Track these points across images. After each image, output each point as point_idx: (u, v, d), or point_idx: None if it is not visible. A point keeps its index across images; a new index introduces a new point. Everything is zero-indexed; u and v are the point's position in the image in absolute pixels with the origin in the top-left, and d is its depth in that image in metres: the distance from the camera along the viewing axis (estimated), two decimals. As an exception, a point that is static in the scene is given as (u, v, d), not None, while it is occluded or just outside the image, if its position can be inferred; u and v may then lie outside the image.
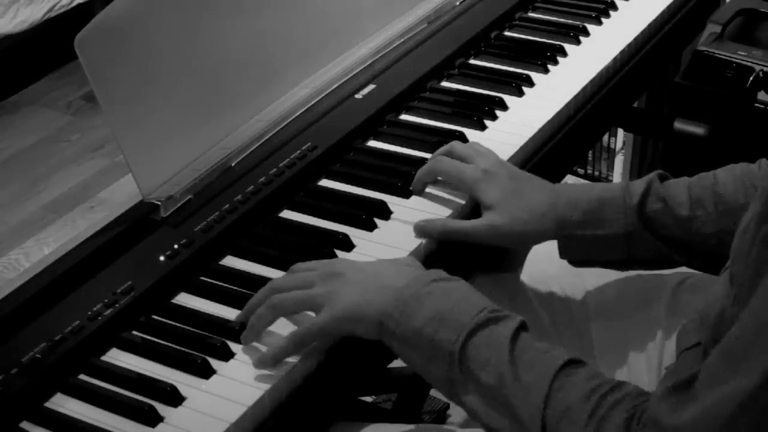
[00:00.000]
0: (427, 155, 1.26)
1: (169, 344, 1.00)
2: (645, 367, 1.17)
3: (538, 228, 1.12)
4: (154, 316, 1.04)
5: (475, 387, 0.90)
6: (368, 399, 1.66)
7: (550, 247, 1.30)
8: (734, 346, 0.76)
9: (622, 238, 1.11)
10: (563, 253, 1.15)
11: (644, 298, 1.20)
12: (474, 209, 1.18)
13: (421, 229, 1.14)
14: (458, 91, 1.43)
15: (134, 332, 1.02)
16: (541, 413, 0.85)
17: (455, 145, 1.21)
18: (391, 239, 1.13)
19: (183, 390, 0.94)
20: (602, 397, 0.85)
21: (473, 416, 0.91)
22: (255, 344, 0.99)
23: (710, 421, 0.75)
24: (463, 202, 1.18)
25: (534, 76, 1.45)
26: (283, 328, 1.00)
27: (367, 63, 1.44)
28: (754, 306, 0.75)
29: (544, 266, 1.27)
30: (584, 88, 1.42)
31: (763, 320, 0.73)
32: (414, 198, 1.20)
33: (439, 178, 1.20)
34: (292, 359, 0.97)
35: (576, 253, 1.14)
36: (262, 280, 1.07)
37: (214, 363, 0.97)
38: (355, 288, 0.97)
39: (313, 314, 0.99)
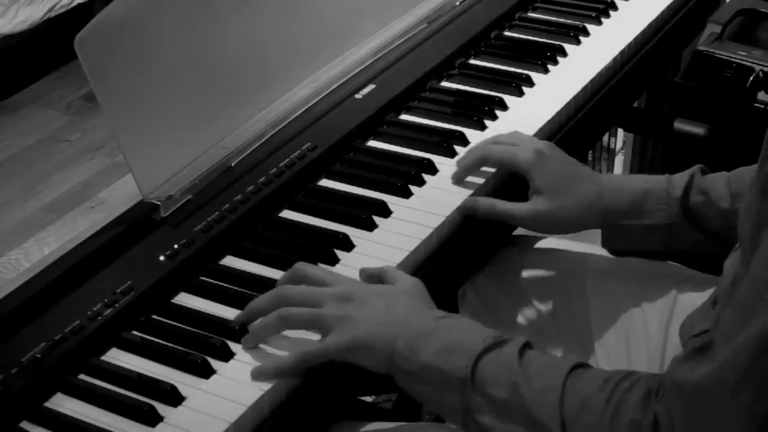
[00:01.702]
0: (427, 155, 1.26)
1: (169, 344, 1.00)
2: (647, 366, 1.17)
3: (582, 217, 1.16)
4: (154, 316, 1.04)
5: (490, 406, 0.90)
6: (368, 399, 1.66)
7: (551, 246, 1.30)
8: (744, 300, 0.77)
9: (664, 229, 1.14)
10: (606, 242, 1.18)
11: (646, 298, 1.20)
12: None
13: (470, 207, 1.17)
14: (458, 91, 1.43)
15: (134, 332, 1.02)
16: (559, 409, 0.86)
17: (500, 136, 1.24)
18: (391, 239, 1.13)
19: (183, 390, 0.94)
20: (617, 384, 0.85)
21: None
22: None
23: (729, 373, 0.76)
24: (465, 198, 1.18)
25: (534, 76, 1.45)
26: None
27: (367, 63, 1.44)
28: (759, 257, 0.76)
29: (545, 266, 1.27)
30: (584, 88, 1.42)
31: None
32: (414, 198, 1.20)
33: (485, 168, 1.21)
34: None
35: (618, 243, 1.18)
36: (262, 280, 1.07)
37: (214, 363, 0.97)
38: (367, 320, 0.96)
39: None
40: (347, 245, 1.12)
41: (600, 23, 1.59)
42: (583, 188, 1.16)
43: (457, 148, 1.28)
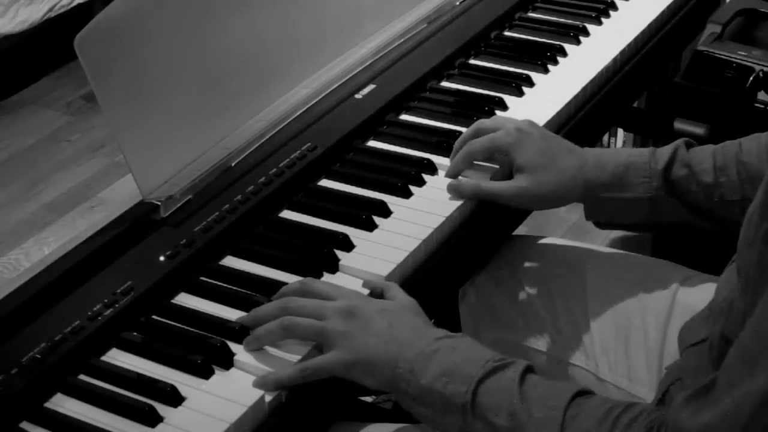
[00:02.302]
0: (427, 155, 1.26)
1: (169, 344, 1.00)
2: (645, 366, 1.17)
3: (565, 191, 1.16)
4: (154, 316, 1.04)
5: None
6: (368, 399, 1.66)
7: (550, 246, 1.31)
8: (749, 348, 0.76)
9: (646, 201, 1.14)
10: (589, 215, 1.18)
11: (645, 298, 1.20)
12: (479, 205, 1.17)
13: (454, 189, 1.18)
14: (458, 91, 1.43)
15: (134, 332, 1.02)
16: None
17: (481, 122, 1.23)
18: (391, 239, 1.13)
19: (183, 390, 0.94)
20: (617, 419, 0.85)
21: None
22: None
23: (731, 423, 0.75)
24: (461, 201, 1.18)
25: (534, 76, 1.45)
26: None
27: (367, 63, 1.44)
28: (764, 308, 0.75)
29: (545, 266, 1.27)
30: (584, 88, 1.42)
31: None
32: (414, 198, 1.20)
33: (476, 162, 1.22)
34: (292, 359, 0.97)
35: (601, 216, 1.18)
36: (262, 280, 1.07)
37: (214, 363, 0.97)
38: (370, 339, 0.96)
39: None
40: (347, 245, 1.12)
41: (600, 23, 1.59)
42: (565, 162, 1.16)
43: (457, 148, 1.28)
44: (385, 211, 1.17)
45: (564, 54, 1.51)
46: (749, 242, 0.81)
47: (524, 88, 1.42)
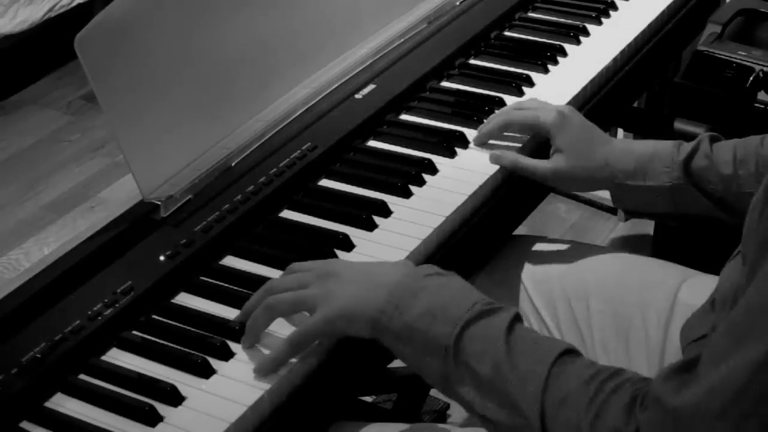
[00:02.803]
0: (427, 155, 1.26)
1: (169, 344, 1.00)
2: (646, 366, 1.17)
3: (596, 176, 1.21)
4: (154, 316, 1.04)
5: (471, 379, 0.89)
6: (368, 399, 1.66)
7: (550, 246, 1.31)
8: (739, 322, 0.76)
9: (667, 190, 1.18)
10: (615, 201, 1.24)
11: (645, 298, 1.20)
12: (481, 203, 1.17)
13: (496, 158, 1.25)
14: (458, 91, 1.43)
15: (134, 332, 1.02)
16: (540, 400, 0.85)
17: (522, 101, 1.33)
18: (391, 239, 1.13)
19: (183, 390, 0.94)
20: (602, 383, 0.84)
21: (469, 409, 0.91)
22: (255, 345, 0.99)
23: (714, 399, 0.75)
24: (465, 198, 1.18)
25: (534, 76, 1.45)
26: (281, 327, 1.00)
27: (367, 63, 1.44)
28: (759, 282, 0.75)
29: (545, 266, 1.27)
30: (584, 88, 1.42)
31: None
32: (414, 198, 1.20)
33: (507, 133, 1.28)
34: (292, 359, 0.97)
35: (627, 203, 1.22)
36: (262, 280, 1.07)
37: (214, 363, 0.97)
38: (349, 287, 0.96)
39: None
40: (347, 245, 1.12)
41: (600, 23, 1.59)
42: (599, 150, 1.21)
43: (457, 148, 1.29)
44: (385, 211, 1.17)
45: (564, 54, 1.51)
46: (753, 228, 0.81)
47: (524, 88, 1.42)
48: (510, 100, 1.39)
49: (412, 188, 1.21)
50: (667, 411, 0.78)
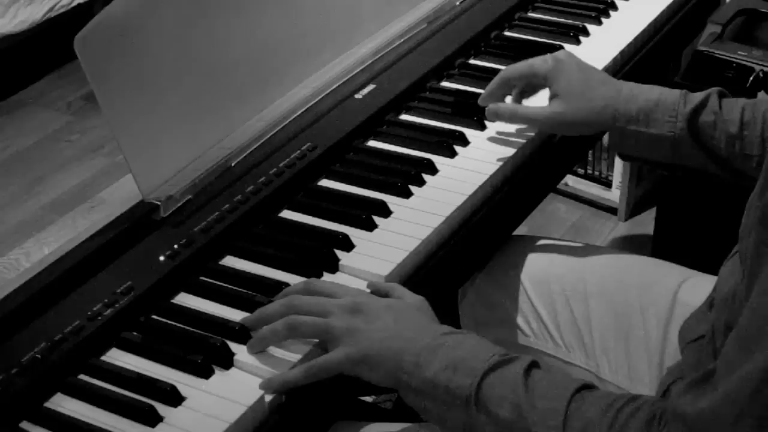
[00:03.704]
0: (427, 155, 1.26)
1: (169, 344, 1.00)
2: (646, 366, 1.17)
3: (596, 119, 1.20)
4: (154, 316, 1.04)
5: (494, 426, 0.89)
6: (368, 399, 1.66)
7: (550, 246, 1.31)
8: (747, 330, 0.76)
9: (668, 140, 1.17)
10: (613, 147, 1.23)
11: (645, 298, 1.20)
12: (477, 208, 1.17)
13: (493, 112, 1.27)
14: (458, 91, 1.43)
15: (134, 332, 1.02)
16: None
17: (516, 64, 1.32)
18: (391, 239, 1.13)
19: (183, 390, 0.94)
20: (619, 410, 0.85)
21: None
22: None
23: (730, 404, 0.76)
24: (465, 198, 1.18)
25: (534, 76, 1.44)
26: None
27: (367, 63, 1.44)
28: (761, 288, 0.75)
29: (545, 266, 1.27)
30: (584, 88, 1.41)
31: None
32: (414, 198, 1.20)
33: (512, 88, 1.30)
34: (292, 359, 0.97)
35: (624, 147, 1.21)
36: (262, 280, 1.07)
37: (214, 363, 0.97)
38: (375, 334, 0.95)
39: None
40: (347, 245, 1.12)
41: (600, 23, 1.59)
42: (600, 91, 1.20)
43: (457, 148, 1.29)
44: (385, 211, 1.17)
45: (564, 54, 1.50)
46: (749, 228, 0.81)
47: (524, 88, 1.42)
48: (510, 99, 1.39)
49: (412, 188, 1.21)
50: (686, 421, 0.79)
